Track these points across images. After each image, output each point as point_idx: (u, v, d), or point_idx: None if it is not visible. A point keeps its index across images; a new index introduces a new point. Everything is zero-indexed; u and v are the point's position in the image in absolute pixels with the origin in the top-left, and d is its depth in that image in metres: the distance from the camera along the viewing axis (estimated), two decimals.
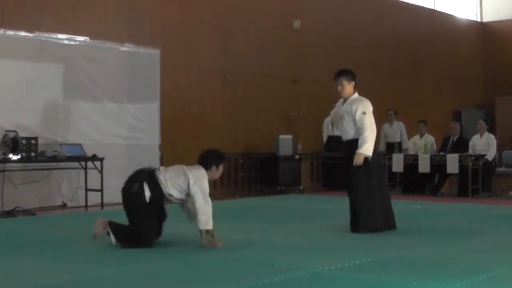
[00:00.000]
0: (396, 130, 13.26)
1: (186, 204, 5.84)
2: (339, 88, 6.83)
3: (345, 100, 6.90)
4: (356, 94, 6.92)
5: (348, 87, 6.82)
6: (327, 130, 13.19)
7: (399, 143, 13.13)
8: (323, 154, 13.21)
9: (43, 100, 9.81)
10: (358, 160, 6.56)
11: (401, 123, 13.34)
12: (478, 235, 6.60)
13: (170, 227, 7.17)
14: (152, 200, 5.61)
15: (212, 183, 12.19)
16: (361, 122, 6.65)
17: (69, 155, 9.54)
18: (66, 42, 10.11)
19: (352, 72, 6.94)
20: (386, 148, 13.25)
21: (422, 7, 17.48)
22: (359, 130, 6.66)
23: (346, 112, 6.80)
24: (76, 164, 9.69)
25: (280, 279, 4.42)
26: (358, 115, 6.67)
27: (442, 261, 5.10)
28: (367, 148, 6.57)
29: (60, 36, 10.06)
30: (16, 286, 4.33)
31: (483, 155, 11.23)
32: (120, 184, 5.96)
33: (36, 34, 9.77)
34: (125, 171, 10.48)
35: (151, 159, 11.07)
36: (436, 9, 18.06)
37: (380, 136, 13.28)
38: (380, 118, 13.34)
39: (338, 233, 6.64)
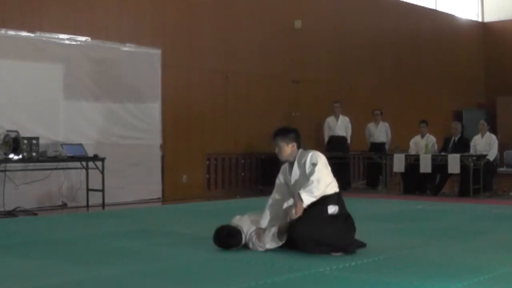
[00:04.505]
0: (382, 131, 13.29)
1: None
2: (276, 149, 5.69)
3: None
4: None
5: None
6: (328, 130, 13.30)
7: (384, 144, 13.21)
8: (324, 154, 13.19)
9: (45, 100, 9.82)
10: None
11: (386, 124, 13.37)
12: (479, 235, 6.59)
13: (170, 227, 7.18)
14: None
15: (214, 183, 12.34)
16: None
17: (70, 155, 9.54)
18: (67, 42, 10.12)
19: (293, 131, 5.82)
20: (370, 148, 13.30)
21: (423, 7, 17.47)
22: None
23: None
24: (77, 164, 9.70)
25: (281, 279, 4.42)
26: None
27: (443, 261, 5.09)
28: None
29: (61, 36, 10.07)
30: (16, 286, 4.33)
31: (485, 155, 11.21)
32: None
33: (37, 34, 9.78)
34: (126, 171, 10.62)
35: (152, 159, 11.13)
36: (437, 9, 18.05)
37: (365, 135, 13.42)
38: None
39: None
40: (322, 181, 5.36)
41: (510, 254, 5.46)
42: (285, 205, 5.63)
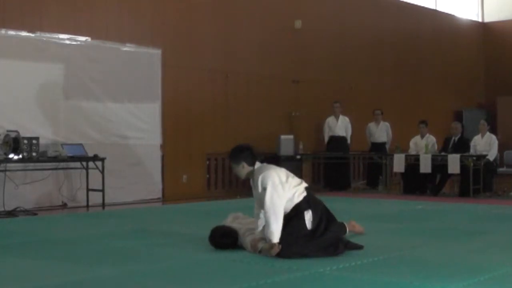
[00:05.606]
0: (383, 130, 13.32)
1: None
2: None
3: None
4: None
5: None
6: (328, 130, 13.30)
7: (385, 143, 13.24)
8: (324, 154, 13.21)
9: (45, 100, 9.82)
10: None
11: (387, 123, 13.39)
12: (479, 235, 6.59)
13: (170, 227, 7.18)
14: None
15: (214, 183, 12.33)
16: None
17: (71, 155, 9.55)
18: (67, 42, 10.12)
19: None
20: (371, 148, 13.31)
21: (423, 7, 17.46)
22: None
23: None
24: (77, 164, 9.70)
25: (281, 279, 4.42)
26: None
27: (443, 261, 5.09)
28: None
29: (61, 36, 10.07)
30: (16, 286, 4.33)
31: (485, 155, 11.22)
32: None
33: (38, 34, 9.78)
34: (126, 171, 10.62)
35: (153, 159, 11.13)
36: (437, 9, 18.04)
37: (365, 135, 13.45)
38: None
39: None
40: (277, 206, 5.21)
41: (510, 254, 5.46)
42: (260, 227, 5.44)
